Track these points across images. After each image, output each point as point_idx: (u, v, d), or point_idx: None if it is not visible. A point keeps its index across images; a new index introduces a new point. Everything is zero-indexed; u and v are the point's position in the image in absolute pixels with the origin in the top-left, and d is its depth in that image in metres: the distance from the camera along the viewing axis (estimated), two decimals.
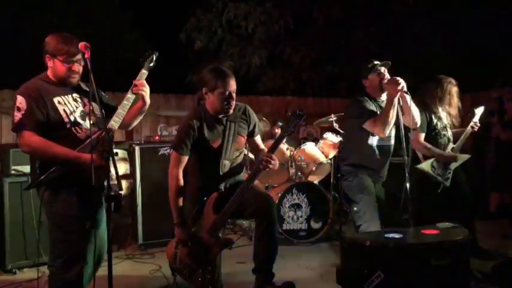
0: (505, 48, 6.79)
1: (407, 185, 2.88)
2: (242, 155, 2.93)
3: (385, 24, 8.23)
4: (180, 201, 2.68)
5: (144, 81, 2.48)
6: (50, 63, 2.38)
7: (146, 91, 2.48)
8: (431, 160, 3.61)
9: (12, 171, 3.74)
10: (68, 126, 2.34)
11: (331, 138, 5.02)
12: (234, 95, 2.69)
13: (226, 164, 2.75)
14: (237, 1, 8.10)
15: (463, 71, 3.95)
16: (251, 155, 4.51)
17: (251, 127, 2.90)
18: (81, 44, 2.25)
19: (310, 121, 5.93)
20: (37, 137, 2.26)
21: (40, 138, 2.26)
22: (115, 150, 2.20)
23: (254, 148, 3.05)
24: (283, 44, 8.42)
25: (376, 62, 3.26)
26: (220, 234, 2.66)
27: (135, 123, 2.65)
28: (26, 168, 3.66)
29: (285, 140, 4.67)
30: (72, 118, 2.36)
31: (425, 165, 3.59)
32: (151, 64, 2.54)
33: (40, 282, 2.79)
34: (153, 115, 6.39)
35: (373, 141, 3.25)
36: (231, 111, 2.73)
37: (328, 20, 8.15)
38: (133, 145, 4.45)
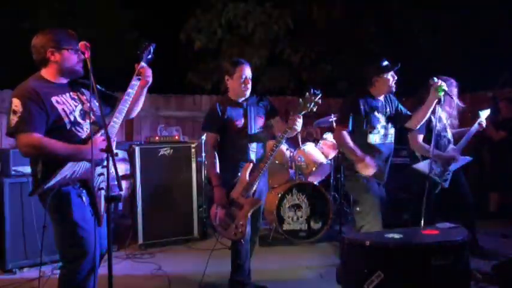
0: (505, 48, 6.78)
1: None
2: (264, 133, 3.32)
3: (385, 24, 8.22)
4: (217, 170, 3.13)
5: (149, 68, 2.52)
6: (55, 57, 2.28)
7: (150, 77, 2.55)
8: (430, 160, 3.60)
9: (13, 172, 3.74)
10: (69, 126, 2.26)
11: (331, 138, 5.02)
12: (249, 80, 3.14)
13: (253, 140, 3.19)
14: (237, 1, 8.09)
15: (463, 71, 3.94)
16: None
17: (268, 109, 3.33)
18: (81, 44, 2.23)
19: (309, 121, 5.93)
20: (36, 135, 2.15)
21: (39, 136, 2.16)
22: (115, 151, 2.18)
23: (280, 127, 3.32)
24: (283, 44, 8.41)
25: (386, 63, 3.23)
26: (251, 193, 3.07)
27: (138, 109, 2.65)
28: (27, 169, 3.65)
29: (285, 141, 4.66)
30: (72, 118, 2.28)
31: (423, 166, 3.58)
32: (149, 56, 2.54)
33: (41, 282, 2.79)
34: (153, 115, 6.40)
35: (374, 139, 3.23)
36: (248, 93, 3.17)
37: (328, 20, 8.14)
38: (134, 146, 4.46)
